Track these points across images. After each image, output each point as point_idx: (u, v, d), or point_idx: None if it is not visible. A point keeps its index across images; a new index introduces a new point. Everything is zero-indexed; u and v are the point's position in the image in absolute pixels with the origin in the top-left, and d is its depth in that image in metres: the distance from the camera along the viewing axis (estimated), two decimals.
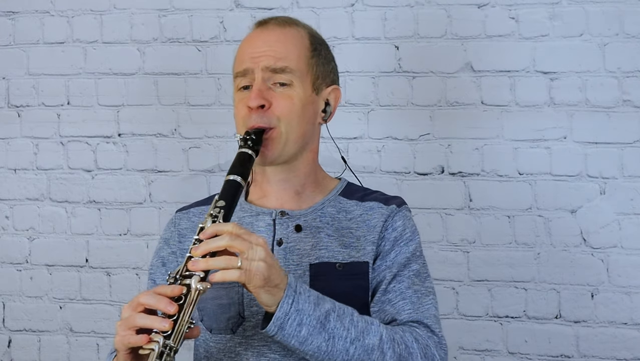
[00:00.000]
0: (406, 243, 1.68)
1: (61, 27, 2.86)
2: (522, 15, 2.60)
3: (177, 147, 2.78)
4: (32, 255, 2.87)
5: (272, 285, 1.43)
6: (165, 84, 2.79)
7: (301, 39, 1.70)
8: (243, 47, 1.71)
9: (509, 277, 2.60)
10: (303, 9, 2.71)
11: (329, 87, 1.73)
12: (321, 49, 1.73)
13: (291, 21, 1.73)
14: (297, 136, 1.66)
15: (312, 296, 1.47)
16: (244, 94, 1.66)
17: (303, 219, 1.68)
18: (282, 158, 1.67)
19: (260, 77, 1.64)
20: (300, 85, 1.66)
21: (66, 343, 2.84)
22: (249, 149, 1.60)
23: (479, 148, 2.62)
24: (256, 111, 1.63)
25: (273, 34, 1.68)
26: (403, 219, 1.71)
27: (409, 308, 1.62)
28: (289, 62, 1.65)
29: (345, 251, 1.65)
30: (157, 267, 1.75)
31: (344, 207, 1.71)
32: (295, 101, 1.65)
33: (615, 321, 2.54)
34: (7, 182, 2.89)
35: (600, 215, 2.55)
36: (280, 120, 1.63)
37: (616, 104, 2.55)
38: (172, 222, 1.78)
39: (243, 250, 1.41)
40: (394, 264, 1.65)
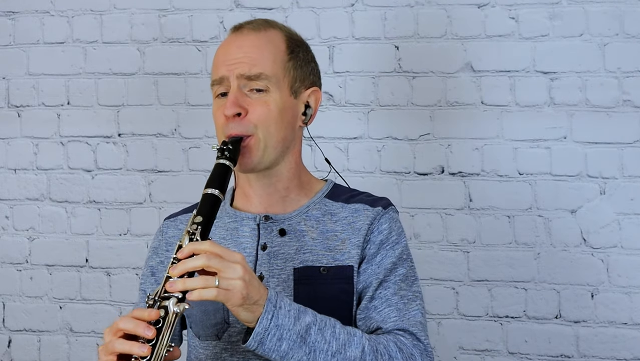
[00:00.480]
0: (392, 247, 1.66)
1: (61, 27, 2.86)
2: (522, 15, 2.60)
3: (177, 147, 2.78)
4: (32, 255, 2.87)
5: (250, 302, 1.42)
6: (165, 84, 2.79)
7: (277, 43, 1.68)
8: (218, 54, 1.69)
9: (509, 277, 2.60)
10: (303, 9, 2.71)
11: (308, 89, 1.71)
12: (299, 51, 1.71)
13: (267, 24, 1.70)
14: (276, 141, 1.64)
15: (292, 311, 1.46)
16: (221, 101, 1.65)
17: (287, 223, 1.67)
18: (262, 165, 1.65)
19: (235, 85, 1.62)
20: (276, 90, 1.64)
21: (66, 343, 2.84)
22: (226, 159, 1.57)
23: (479, 148, 2.62)
24: (232, 119, 1.61)
25: (247, 40, 1.66)
26: (389, 222, 1.68)
27: (395, 315, 1.60)
28: (264, 68, 1.63)
29: (330, 254, 1.64)
30: (147, 277, 1.75)
31: (330, 209, 1.70)
32: (272, 107, 1.63)
33: (615, 321, 2.54)
34: (7, 182, 2.89)
35: (600, 215, 2.55)
36: (257, 127, 1.62)
37: (616, 104, 2.55)
38: (160, 230, 1.77)
39: (220, 269, 1.40)
40: (380, 269, 1.63)
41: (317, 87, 1.74)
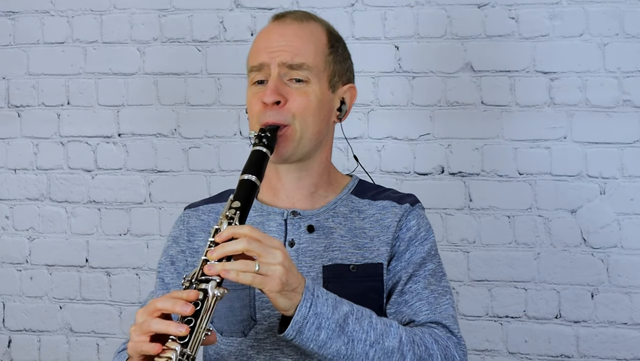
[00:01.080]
0: (421, 243, 1.65)
1: (61, 27, 2.86)
2: (522, 15, 2.60)
3: (177, 147, 2.78)
4: (32, 255, 2.87)
5: (289, 289, 1.40)
6: (165, 84, 2.79)
7: (319, 35, 1.66)
8: (259, 40, 1.65)
9: (509, 277, 2.60)
10: (303, 9, 2.70)
11: (345, 85, 1.69)
12: (338, 46, 1.69)
13: (309, 16, 1.69)
14: (312, 134, 1.62)
15: (330, 299, 1.45)
16: (258, 88, 1.62)
17: (315, 219, 1.64)
18: (295, 156, 1.62)
19: (276, 73, 1.59)
20: (316, 82, 1.61)
21: (66, 343, 2.84)
22: (263, 146, 1.53)
23: (479, 148, 2.62)
24: (271, 107, 1.58)
25: (290, 29, 1.63)
26: (417, 218, 1.67)
27: (426, 308, 1.60)
28: (306, 59, 1.60)
29: (359, 252, 1.62)
30: (166, 265, 1.71)
31: (357, 206, 1.68)
32: (312, 98, 1.60)
33: (615, 321, 2.54)
34: (7, 182, 2.89)
35: (600, 215, 2.55)
36: (295, 117, 1.59)
37: (616, 104, 2.55)
38: (181, 220, 1.74)
39: (260, 254, 1.37)
40: (409, 265, 1.63)
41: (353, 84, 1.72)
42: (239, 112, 2.74)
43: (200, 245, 1.68)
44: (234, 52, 2.75)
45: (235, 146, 2.74)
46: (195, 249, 1.68)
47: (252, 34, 2.73)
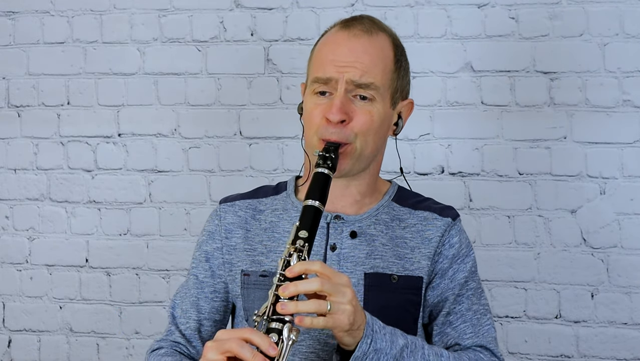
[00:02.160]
0: (463, 260, 1.65)
1: (61, 27, 2.86)
2: (522, 15, 2.60)
3: (177, 147, 2.78)
4: (32, 255, 2.87)
5: (355, 327, 1.40)
6: (165, 84, 2.79)
7: (387, 51, 1.63)
8: (326, 50, 1.61)
9: (509, 277, 2.60)
10: (303, 9, 2.71)
11: (404, 100, 1.68)
12: (402, 60, 1.67)
13: (377, 27, 1.64)
14: (370, 152, 1.61)
15: (387, 334, 1.45)
16: (321, 100, 1.59)
17: (358, 225, 1.63)
18: (352, 172, 1.62)
19: (343, 89, 1.56)
20: (381, 100, 1.59)
21: (66, 343, 2.84)
22: (326, 168, 1.51)
23: (479, 148, 2.62)
24: (335, 125, 1.56)
25: (360, 43, 1.59)
26: (459, 235, 1.67)
27: (470, 331, 1.62)
28: (375, 78, 1.58)
29: (400, 262, 1.62)
30: (200, 262, 1.70)
31: (397, 214, 1.67)
32: (375, 117, 1.58)
33: (615, 321, 2.54)
34: (7, 182, 2.89)
35: (600, 215, 2.55)
36: (357, 136, 1.57)
37: (616, 104, 2.55)
38: (217, 214, 1.72)
39: (332, 293, 1.36)
40: (454, 284, 1.63)
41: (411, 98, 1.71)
42: (238, 112, 2.74)
43: (238, 242, 1.67)
44: (234, 52, 2.75)
45: (235, 146, 2.74)
46: (232, 246, 1.67)
47: (252, 34, 2.74)
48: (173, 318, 1.70)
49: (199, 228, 2.74)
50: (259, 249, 1.65)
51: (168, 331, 1.70)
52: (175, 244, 2.77)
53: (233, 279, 1.66)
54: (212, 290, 1.69)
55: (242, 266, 1.65)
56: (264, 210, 1.70)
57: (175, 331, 1.68)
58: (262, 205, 1.71)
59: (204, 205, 2.75)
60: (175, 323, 1.69)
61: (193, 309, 1.68)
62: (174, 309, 1.70)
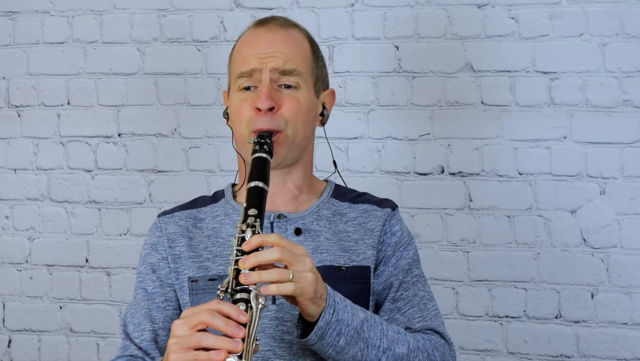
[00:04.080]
0: (405, 248, 1.68)
1: (61, 27, 2.86)
2: (522, 15, 2.60)
3: (177, 147, 2.78)
4: (32, 255, 2.87)
5: (318, 296, 1.41)
6: (165, 84, 2.79)
7: (303, 42, 1.69)
8: (245, 47, 1.67)
9: (509, 277, 2.60)
10: (303, 9, 2.71)
11: (325, 90, 1.73)
12: (318, 52, 1.72)
13: (291, 23, 1.71)
14: (301, 139, 1.64)
15: (348, 306, 1.47)
16: (248, 94, 1.63)
17: (301, 222, 1.66)
18: (286, 162, 1.64)
19: (268, 78, 1.60)
20: (305, 87, 1.64)
21: (66, 343, 2.84)
22: (264, 153, 1.54)
23: (479, 148, 2.62)
24: (264, 113, 1.59)
25: (277, 35, 1.65)
26: (399, 223, 1.71)
27: (419, 315, 1.63)
28: (297, 64, 1.63)
29: (346, 255, 1.64)
30: (147, 274, 1.70)
31: (338, 209, 1.70)
32: (302, 103, 1.63)
33: (615, 321, 2.54)
34: (7, 182, 2.89)
35: (600, 215, 2.55)
36: (287, 123, 1.61)
37: (616, 104, 2.55)
38: (158, 227, 1.73)
39: (292, 262, 1.38)
40: (397, 271, 1.65)
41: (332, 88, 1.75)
42: None
43: (182, 250, 1.67)
44: None
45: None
46: (177, 255, 1.67)
47: None
48: (126, 334, 1.66)
49: None
50: (205, 255, 1.65)
51: (123, 348, 1.66)
52: None
53: (180, 287, 1.65)
54: (164, 299, 1.67)
55: (189, 273, 1.64)
56: (204, 218, 1.71)
57: (130, 345, 1.64)
58: (202, 214, 1.72)
59: None
60: (130, 338, 1.65)
61: (146, 321, 1.65)
62: (126, 326, 1.67)
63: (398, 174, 2.66)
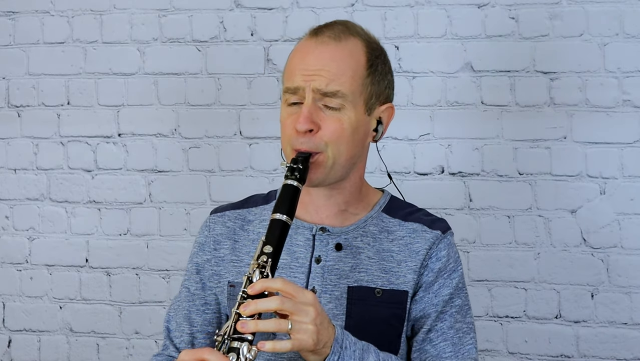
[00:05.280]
0: (449, 275, 1.62)
1: (61, 27, 2.86)
2: (522, 15, 2.60)
3: (177, 147, 2.78)
4: (32, 255, 2.87)
5: (320, 346, 1.39)
6: (165, 84, 2.79)
7: (357, 56, 1.60)
8: (295, 59, 1.60)
9: (509, 277, 2.60)
10: (303, 9, 2.71)
11: (382, 105, 1.64)
12: (378, 64, 1.63)
13: (348, 32, 1.62)
14: (345, 160, 1.58)
15: (357, 351, 1.44)
16: (293, 110, 1.57)
17: (344, 237, 1.62)
18: (326, 182, 1.59)
19: (310, 99, 1.54)
20: (352, 108, 1.56)
21: (66, 343, 2.84)
22: (295, 180, 1.50)
23: (479, 148, 2.62)
24: (304, 134, 1.54)
25: (327, 50, 1.57)
26: (447, 248, 1.64)
27: (450, 350, 1.59)
28: (342, 86, 1.55)
29: (385, 276, 1.60)
30: (192, 274, 1.70)
31: (386, 226, 1.65)
32: (345, 125, 1.55)
33: (615, 321, 2.54)
34: (7, 182, 2.89)
35: (600, 215, 2.55)
36: (328, 145, 1.55)
37: (616, 104, 2.55)
38: (207, 226, 1.72)
39: (293, 312, 1.36)
40: (437, 300, 1.61)
41: (391, 101, 1.67)
42: (239, 112, 2.74)
43: (226, 253, 1.67)
44: (234, 52, 2.75)
45: (235, 146, 2.74)
46: (220, 258, 1.67)
47: (252, 34, 2.73)
48: (168, 331, 1.69)
49: (199, 228, 2.73)
50: (246, 260, 1.64)
51: (164, 346, 1.70)
52: (175, 244, 2.77)
53: (221, 291, 1.66)
54: (204, 302, 1.68)
55: (229, 278, 1.65)
56: (253, 220, 1.69)
57: (170, 346, 1.68)
58: (251, 215, 1.70)
59: (204, 205, 2.75)
60: (170, 337, 1.69)
61: (185, 322, 1.67)
62: (169, 322, 1.70)
63: (398, 174, 2.66)
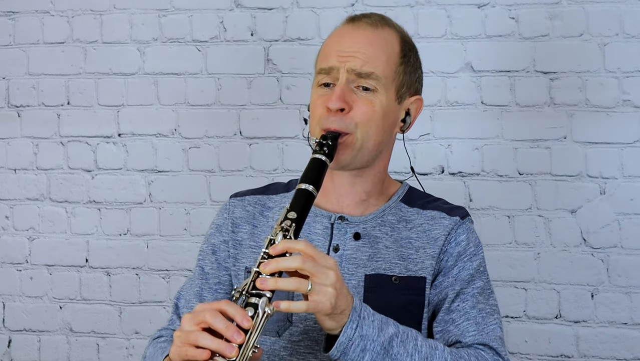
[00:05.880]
0: (470, 258, 1.62)
1: (61, 27, 2.86)
2: (522, 15, 2.60)
3: (177, 147, 2.78)
4: (32, 255, 2.87)
5: (338, 311, 1.38)
6: (165, 84, 2.79)
7: (392, 44, 1.62)
8: (330, 42, 1.62)
9: (509, 277, 2.60)
10: (303, 9, 2.71)
11: (412, 96, 1.65)
12: (410, 56, 1.64)
13: (384, 22, 1.65)
14: (373, 144, 1.58)
15: (376, 321, 1.43)
16: (324, 91, 1.59)
17: (362, 226, 1.62)
18: (353, 165, 1.60)
19: (344, 79, 1.56)
20: (384, 92, 1.58)
21: (66, 343, 2.84)
22: (323, 155, 1.51)
23: (479, 148, 2.62)
24: (335, 113, 1.55)
25: (364, 34, 1.60)
26: (467, 233, 1.63)
27: (474, 329, 1.57)
28: (376, 68, 1.57)
29: (403, 263, 1.60)
30: (207, 254, 1.70)
31: (405, 215, 1.66)
32: (377, 108, 1.57)
33: (615, 321, 2.54)
34: (7, 182, 2.89)
35: (600, 215, 2.55)
36: (357, 126, 1.56)
37: (616, 104, 2.55)
38: (226, 208, 1.71)
39: (314, 273, 1.35)
40: (457, 281, 1.60)
41: (420, 95, 1.68)
42: (239, 112, 2.74)
43: (244, 237, 1.67)
44: (234, 52, 2.75)
45: (235, 146, 2.74)
46: (238, 241, 1.67)
47: (252, 34, 2.74)
48: (176, 308, 1.69)
49: (199, 228, 2.74)
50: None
51: (170, 321, 1.70)
52: (175, 244, 2.77)
53: (236, 274, 1.66)
54: (217, 282, 1.68)
55: (246, 263, 1.65)
56: (273, 207, 1.69)
57: (176, 320, 1.68)
58: (272, 202, 1.70)
59: (204, 205, 2.75)
60: (178, 312, 1.69)
61: (196, 299, 1.67)
62: (178, 300, 1.70)
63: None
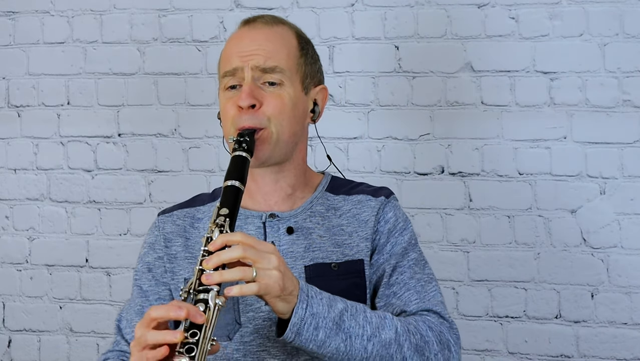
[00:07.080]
0: (400, 233, 1.67)
1: (61, 27, 2.86)
2: (522, 15, 2.60)
3: (177, 147, 2.78)
4: (32, 255, 2.87)
5: (287, 293, 1.41)
6: (165, 84, 2.79)
7: (289, 38, 1.68)
8: (230, 46, 1.67)
9: (509, 277, 2.60)
10: (303, 9, 2.71)
11: (316, 86, 1.72)
12: (308, 48, 1.71)
13: (278, 20, 1.71)
14: (288, 136, 1.63)
15: (324, 298, 1.46)
16: (232, 93, 1.64)
17: (293, 220, 1.66)
18: (273, 159, 1.64)
19: (250, 77, 1.61)
20: (290, 84, 1.63)
21: (66, 343, 2.84)
22: (243, 151, 1.55)
23: (479, 148, 2.62)
24: (246, 111, 1.60)
25: (261, 33, 1.66)
26: (394, 210, 1.69)
27: (415, 297, 1.62)
28: (279, 62, 1.62)
29: (339, 250, 1.64)
30: (143, 273, 1.72)
31: (332, 204, 1.70)
32: (286, 100, 1.62)
33: (615, 321, 2.54)
34: (7, 182, 2.89)
35: (600, 215, 2.55)
36: (270, 120, 1.60)
37: (616, 104, 2.55)
38: (156, 226, 1.74)
39: (256, 260, 1.38)
40: (392, 256, 1.65)
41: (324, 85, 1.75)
42: None
43: (178, 250, 1.68)
44: None
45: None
46: (173, 255, 1.68)
47: None
48: (119, 329, 1.69)
49: None
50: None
51: (114, 343, 1.69)
52: None
53: (176, 287, 1.66)
54: (157, 297, 1.68)
55: (185, 274, 1.66)
56: (202, 218, 1.71)
57: (121, 341, 1.68)
58: (200, 213, 1.73)
59: None
60: (121, 333, 1.68)
61: (138, 317, 1.65)
62: (120, 321, 1.70)
63: (398, 174, 2.66)
